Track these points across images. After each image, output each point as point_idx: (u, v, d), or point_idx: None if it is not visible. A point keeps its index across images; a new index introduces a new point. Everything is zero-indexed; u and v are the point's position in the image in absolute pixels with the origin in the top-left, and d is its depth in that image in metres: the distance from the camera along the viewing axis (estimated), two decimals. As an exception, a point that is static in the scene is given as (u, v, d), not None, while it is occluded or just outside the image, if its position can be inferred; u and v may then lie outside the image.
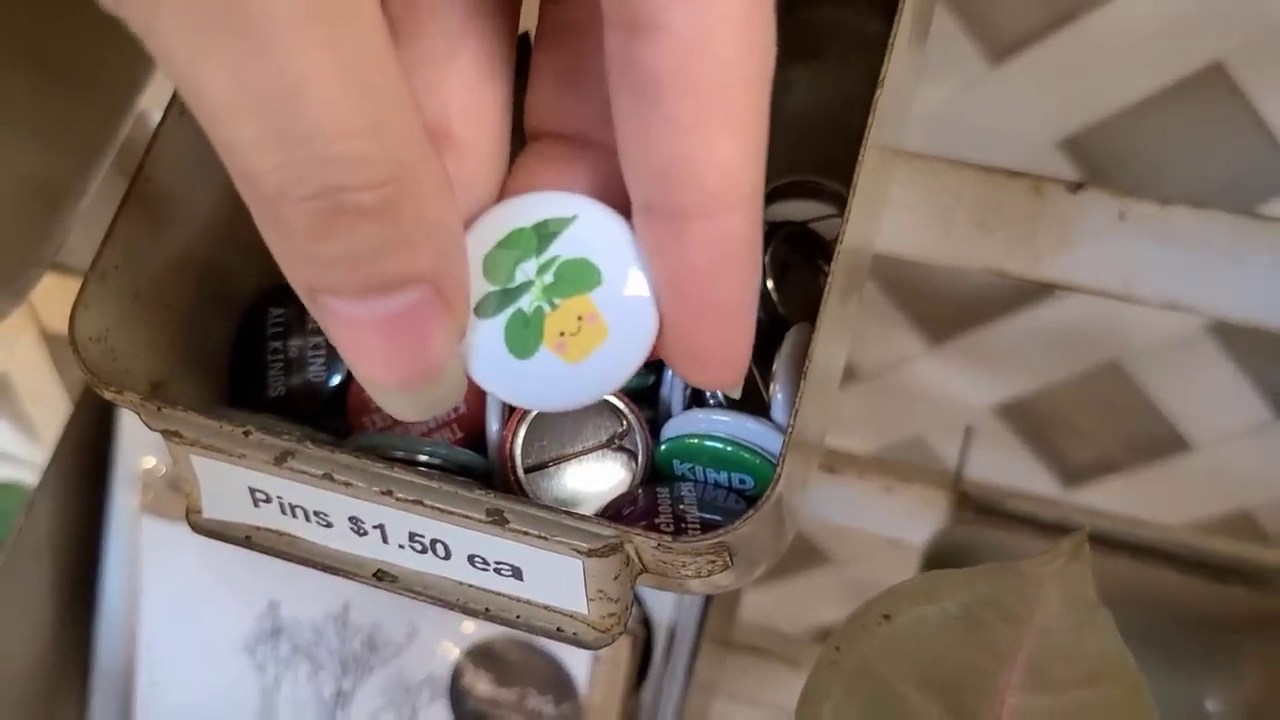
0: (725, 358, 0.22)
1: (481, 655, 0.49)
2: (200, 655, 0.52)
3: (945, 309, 0.71)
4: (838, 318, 0.30)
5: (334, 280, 0.18)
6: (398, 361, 0.19)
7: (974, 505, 0.51)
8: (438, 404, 0.21)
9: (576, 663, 0.48)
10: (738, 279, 0.20)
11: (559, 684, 0.48)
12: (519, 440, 0.32)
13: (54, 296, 0.59)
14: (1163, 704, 0.54)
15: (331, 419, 0.35)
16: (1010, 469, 0.77)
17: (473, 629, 0.49)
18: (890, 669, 0.30)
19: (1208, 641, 0.53)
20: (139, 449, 0.53)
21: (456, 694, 0.50)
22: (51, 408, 0.65)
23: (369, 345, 0.19)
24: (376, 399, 0.21)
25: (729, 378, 0.22)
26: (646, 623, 0.49)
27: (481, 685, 0.49)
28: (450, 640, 0.49)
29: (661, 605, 0.49)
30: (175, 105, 0.32)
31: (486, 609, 0.29)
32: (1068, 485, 0.78)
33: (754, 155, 0.19)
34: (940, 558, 0.49)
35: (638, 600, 0.49)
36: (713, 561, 0.27)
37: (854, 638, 0.30)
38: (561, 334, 0.22)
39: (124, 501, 0.53)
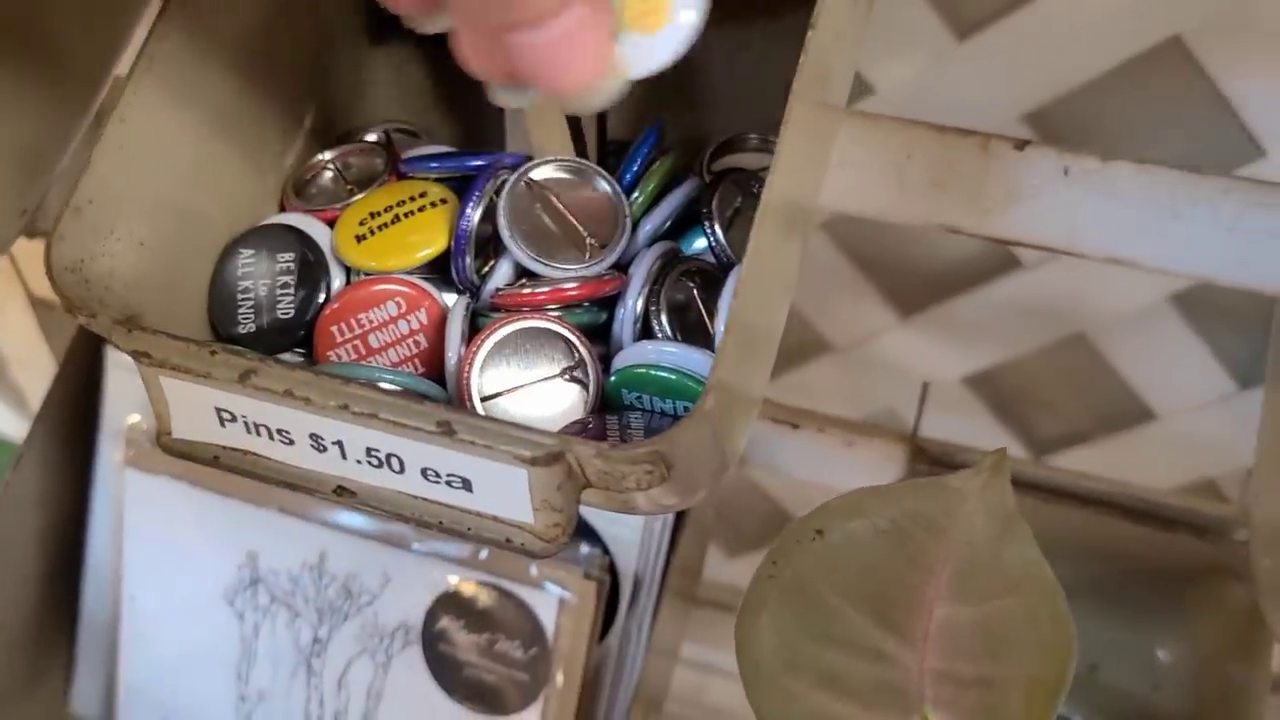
0: None
1: (453, 602, 0.51)
2: (182, 606, 0.54)
3: (915, 281, 0.73)
4: (775, 233, 0.31)
5: (519, 13, 0.23)
6: (586, 60, 0.25)
7: (930, 459, 0.52)
8: (616, 90, 0.27)
9: (544, 609, 0.50)
10: None
11: (528, 629, 0.50)
12: (475, 370, 0.33)
13: (40, 263, 0.61)
14: (1115, 653, 0.56)
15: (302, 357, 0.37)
16: (979, 440, 0.78)
17: (445, 577, 0.51)
18: (824, 583, 0.31)
19: (1159, 592, 0.54)
20: (124, 406, 0.55)
21: (429, 640, 0.51)
22: (38, 372, 0.66)
23: (559, 57, 0.24)
24: (573, 106, 0.26)
25: None
26: (613, 570, 0.51)
27: (453, 631, 0.51)
28: (423, 588, 0.51)
29: (626, 555, 0.51)
30: (146, 54, 0.34)
31: (440, 522, 0.30)
32: (1035, 456, 0.79)
33: None
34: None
35: (604, 549, 0.51)
36: (650, 472, 0.28)
37: (789, 553, 0.31)
38: (642, 14, 0.27)
39: (109, 457, 0.55)
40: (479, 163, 0.37)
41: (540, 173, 0.36)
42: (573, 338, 0.34)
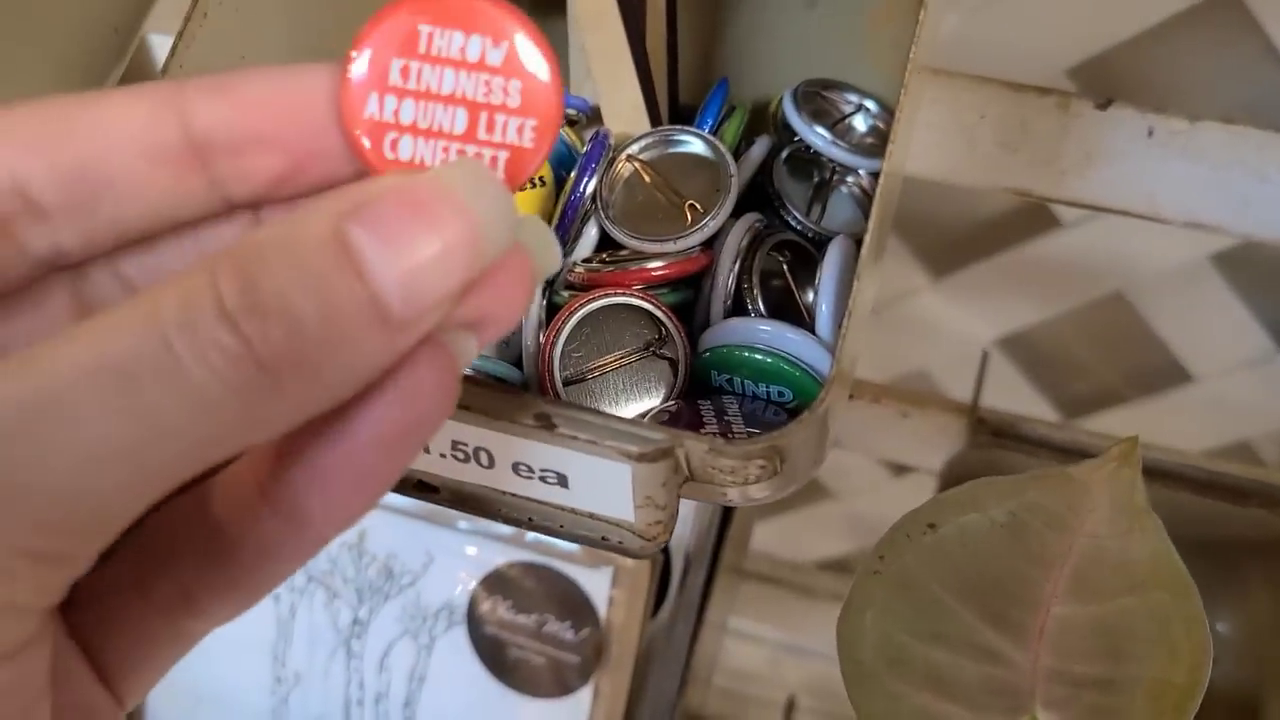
0: None
1: (499, 582, 0.49)
2: (213, 585, 0.52)
3: (948, 241, 0.71)
4: (882, 222, 0.29)
5: None
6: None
7: (990, 430, 0.50)
8: None
9: (596, 589, 0.48)
10: None
11: (578, 609, 0.48)
12: (557, 351, 0.31)
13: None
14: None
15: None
16: (1014, 402, 0.77)
17: (490, 557, 0.49)
18: (933, 579, 0.30)
19: (1217, 564, 0.53)
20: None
21: (474, 621, 0.49)
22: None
23: None
24: None
25: None
26: (664, 547, 0.49)
27: (500, 612, 0.49)
28: (467, 567, 0.49)
29: (679, 530, 0.49)
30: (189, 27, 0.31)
31: (530, 518, 0.28)
32: (1070, 418, 0.78)
33: None
34: (957, 482, 0.49)
35: (655, 526, 0.49)
36: (763, 467, 0.26)
37: (898, 547, 0.30)
38: None
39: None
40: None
41: (638, 146, 0.34)
42: (657, 312, 0.32)
